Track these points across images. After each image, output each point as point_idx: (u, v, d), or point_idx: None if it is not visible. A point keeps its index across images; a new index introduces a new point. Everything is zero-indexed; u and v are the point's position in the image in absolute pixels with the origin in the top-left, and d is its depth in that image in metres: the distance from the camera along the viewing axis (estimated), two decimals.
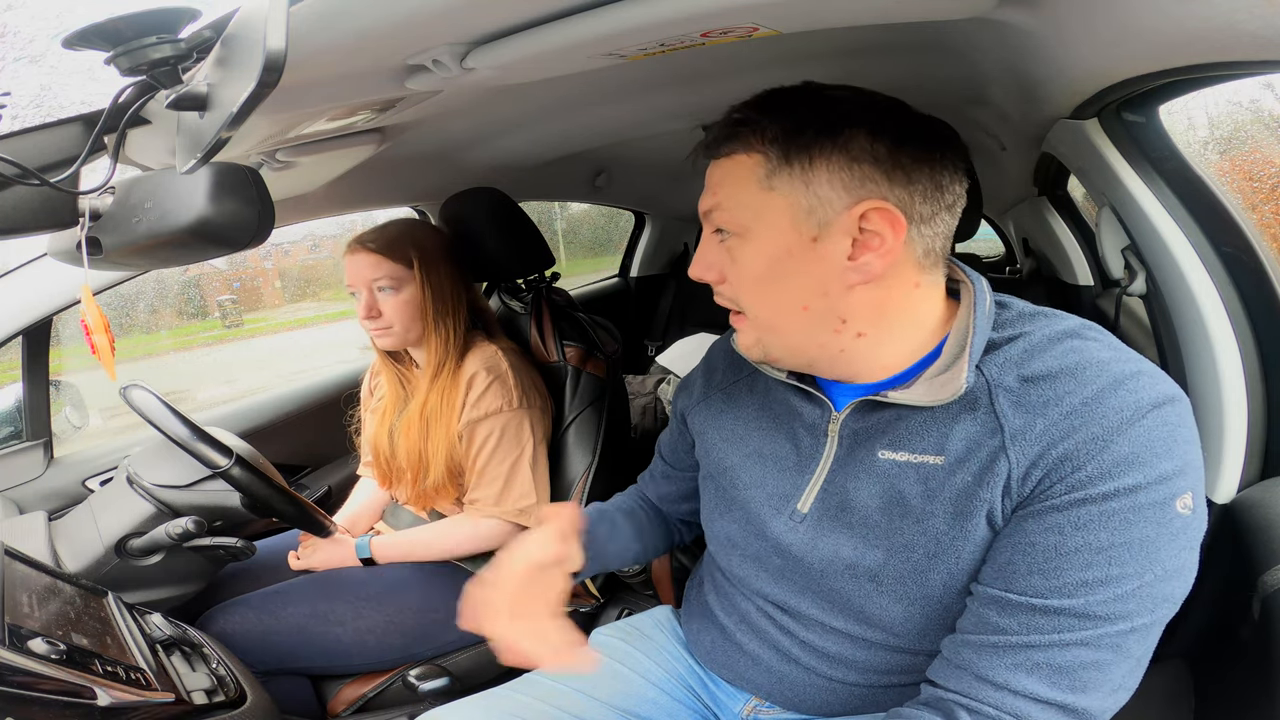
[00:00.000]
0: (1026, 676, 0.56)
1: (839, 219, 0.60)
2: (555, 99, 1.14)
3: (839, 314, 0.63)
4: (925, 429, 0.63)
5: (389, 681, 1.20)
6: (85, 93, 0.76)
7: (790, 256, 0.62)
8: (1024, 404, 0.58)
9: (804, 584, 0.72)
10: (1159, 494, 0.54)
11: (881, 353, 0.66)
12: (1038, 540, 0.56)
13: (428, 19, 0.60)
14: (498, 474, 1.20)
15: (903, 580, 0.64)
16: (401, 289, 1.20)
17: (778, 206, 0.61)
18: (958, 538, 0.61)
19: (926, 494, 0.62)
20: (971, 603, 0.61)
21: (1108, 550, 0.54)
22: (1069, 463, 0.55)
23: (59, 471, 1.39)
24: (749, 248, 0.63)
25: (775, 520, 0.73)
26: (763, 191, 0.61)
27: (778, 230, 0.61)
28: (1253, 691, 0.64)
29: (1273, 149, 1.23)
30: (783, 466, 0.74)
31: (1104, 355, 0.58)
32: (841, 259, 0.61)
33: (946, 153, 0.62)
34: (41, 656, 0.66)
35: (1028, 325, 0.63)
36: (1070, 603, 0.55)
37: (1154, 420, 0.55)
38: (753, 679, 0.79)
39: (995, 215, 3.24)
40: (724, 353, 0.87)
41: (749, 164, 0.62)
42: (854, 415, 0.69)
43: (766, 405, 0.78)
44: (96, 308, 0.72)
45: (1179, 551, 0.55)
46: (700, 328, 2.56)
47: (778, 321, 0.65)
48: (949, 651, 0.62)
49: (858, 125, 0.59)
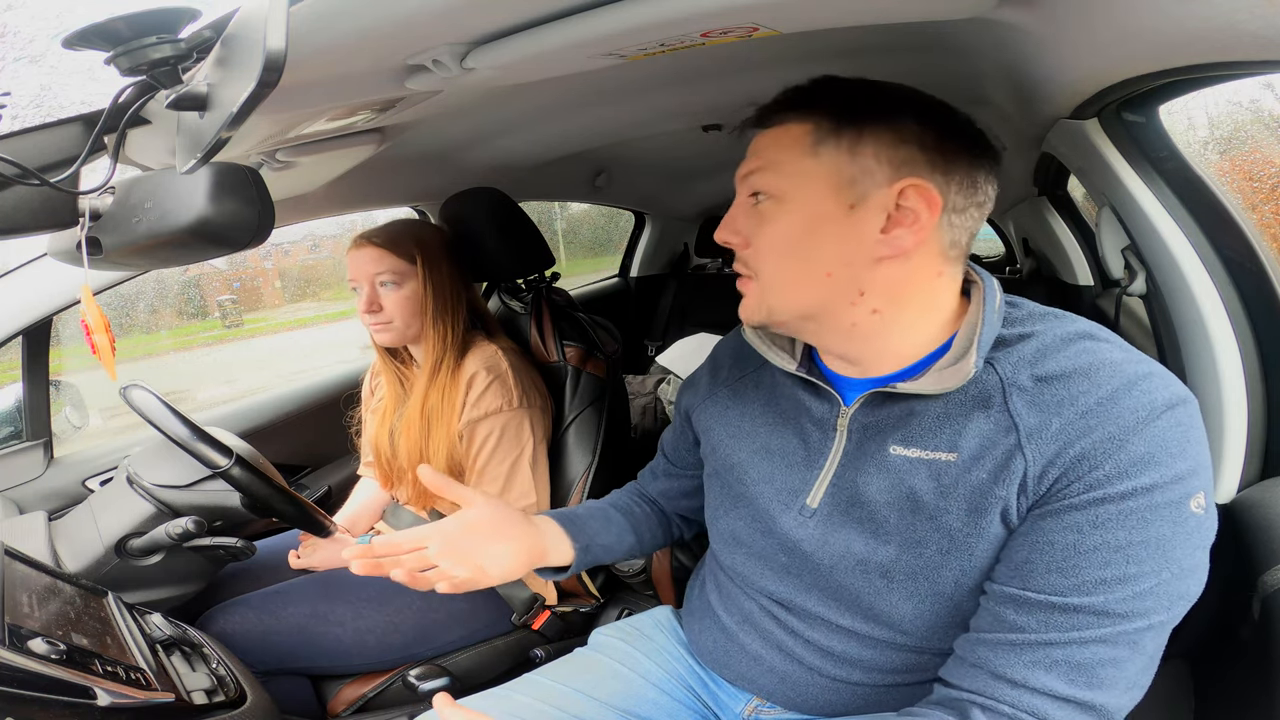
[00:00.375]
0: (1045, 674, 0.56)
1: (878, 193, 0.62)
2: (555, 99, 1.14)
3: (859, 285, 0.64)
4: (939, 426, 0.64)
5: (389, 681, 1.20)
6: (85, 93, 0.76)
7: (826, 222, 0.63)
8: (1038, 403, 0.59)
9: (810, 581, 0.72)
10: (1174, 493, 0.55)
11: (892, 337, 0.66)
12: (1056, 539, 0.57)
13: (428, 19, 0.60)
14: (498, 474, 1.20)
15: (914, 576, 0.65)
16: (403, 284, 1.21)
17: (821, 173, 0.63)
18: (972, 535, 0.61)
19: (939, 490, 0.63)
20: (986, 601, 0.62)
21: (1125, 549, 0.55)
22: (1086, 462, 0.56)
23: (59, 471, 1.38)
24: (785, 211, 0.65)
25: (784, 516, 0.73)
26: (808, 158, 0.63)
27: (817, 196, 0.63)
28: (1253, 691, 0.64)
29: (1273, 149, 1.23)
30: (791, 462, 0.74)
31: (1117, 356, 0.59)
32: (874, 231, 0.62)
33: (984, 154, 0.64)
34: (41, 656, 0.66)
35: (1039, 325, 0.64)
36: (1089, 600, 0.55)
37: (1168, 420, 0.56)
38: (754, 678, 0.79)
39: (995, 215, 3.23)
40: (730, 349, 0.87)
41: (798, 131, 0.64)
42: (863, 409, 0.69)
43: (773, 400, 0.78)
44: (96, 308, 0.72)
45: (1193, 550, 0.56)
46: (700, 328, 2.56)
47: (796, 285, 0.66)
48: (963, 650, 0.62)
49: (908, 111, 0.62)
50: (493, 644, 1.28)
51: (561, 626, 1.30)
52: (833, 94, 0.64)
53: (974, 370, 0.61)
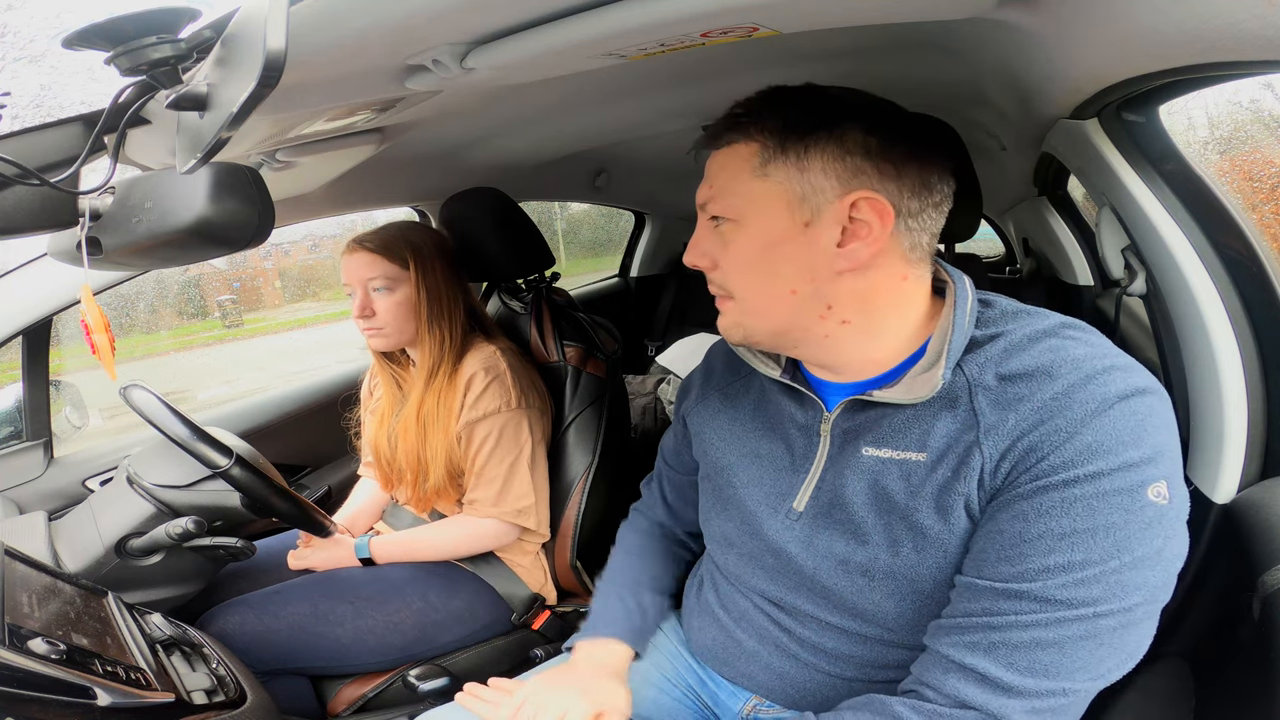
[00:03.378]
0: (981, 656, 0.57)
1: (830, 207, 0.62)
2: (555, 99, 1.14)
3: (825, 300, 0.65)
4: (908, 427, 0.65)
5: (389, 681, 1.20)
6: (85, 93, 0.76)
7: (783, 241, 0.64)
8: (999, 401, 0.60)
9: (798, 581, 0.73)
10: (1125, 480, 0.54)
11: (869, 345, 0.67)
12: (1005, 528, 0.58)
13: (428, 19, 0.60)
14: (496, 474, 1.20)
15: (893, 575, 0.66)
16: (396, 289, 1.21)
17: (772, 193, 0.63)
18: (944, 532, 0.62)
19: (909, 490, 0.64)
20: (951, 593, 0.63)
21: (1070, 536, 0.55)
22: (1035, 453, 0.57)
23: (59, 471, 1.38)
24: (743, 232, 0.65)
25: (772, 520, 0.74)
26: (758, 179, 0.64)
27: (771, 215, 0.64)
28: (1253, 691, 0.64)
29: (1273, 149, 1.22)
30: (778, 466, 0.75)
31: (1079, 352, 0.60)
32: (831, 245, 0.63)
33: (936, 153, 0.65)
34: (41, 656, 0.66)
35: (1009, 324, 0.65)
36: (1030, 586, 0.56)
37: (1121, 410, 0.56)
38: (753, 676, 0.79)
39: (995, 215, 3.24)
40: (723, 354, 0.87)
41: (746, 152, 0.64)
42: (844, 415, 0.70)
43: (761, 406, 0.79)
44: (96, 308, 0.72)
45: (1152, 539, 0.55)
46: (700, 328, 2.56)
47: (765, 304, 0.67)
48: (925, 639, 0.64)
49: (853, 120, 0.62)
50: (493, 644, 1.28)
51: (561, 626, 1.30)
52: (777, 108, 0.64)
53: (941, 383, 0.62)
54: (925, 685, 0.61)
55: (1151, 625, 0.58)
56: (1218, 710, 0.70)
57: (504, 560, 1.28)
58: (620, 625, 0.86)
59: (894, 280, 0.65)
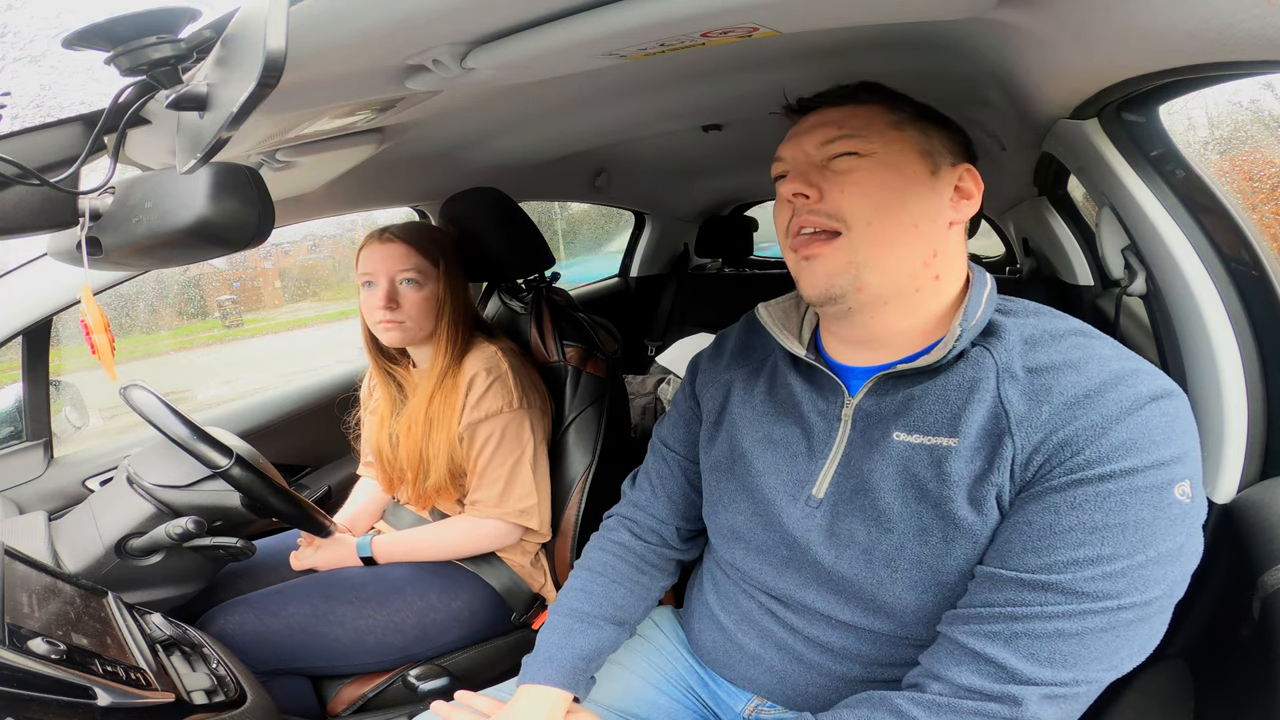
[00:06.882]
0: (1002, 647, 0.58)
1: (948, 169, 0.71)
2: (555, 99, 1.14)
3: (934, 245, 0.70)
4: (937, 410, 0.66)
5: (389, 681, 1.20)
6: (85, 93, 0.76)
7: (915, 180, 0.69)
8: (1029, 392, 0.61)
9: (811, 574, 0.73)
10: (1156, 478, 0.56)
11: (932, 308, 0.71)
12: (1035, 519, 0.59)
13: (428, 19, 0.60)
14: (498, 475, 1.20)
15: (919, 565, 0.65)
16: (424, 285, 1.21)
17: (907, 141, 0.70)
18: (976, 523, 0.63)
19: (940, 477, 0.64)
20: (970, 584, 0.63)
21: (1101, 530, 0.56)
22: (1069, 447, 0.58)
23: (59, 471, 1.38)
24: (879, 164, 0.69)
25: (790, 507, 0.74)
26: (893, 128, 0.70)
27: (907, 157, 0.70)
28: (1253, 691, 0.64)
29: (1273, 149, 1.22)
30: (794, 452, 0.75)
31: (1106, 352, 0.62)
32: (948, 196, 0.71)
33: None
34: (41, 656, 0.66)
35: (1033, 318, 0.68)
36: (1058, 578, 0.57)
37: (1152, 411, 0.57)
38: (754, 678, 0.79)
39: (995, 215, 3.23)
40: (734, 336, 0.88)
41: (882, 109, 0.71)
42: (868, 398, 0.71)
43: (776, 391, 0.79)
44: (96, 308, 0.72)
45: (1175, 536, 0.57)
46: (700, 328, 2.56)
47: (888, 234, 0.68)
48: (939, 627, 0.64)
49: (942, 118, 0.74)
50: (493, 644, 1.28)
51: None
52: (886, 93, 0.73)
53: (960, 330, 0.65)
54: (932, 677, 0.61)
55: (1165, 620, 0.59)
56: (1218, 710, 0.70)
57: (504, 560, 1.28)
58: (562, 669, 0.78)
59: (963, 249, 0.72)
